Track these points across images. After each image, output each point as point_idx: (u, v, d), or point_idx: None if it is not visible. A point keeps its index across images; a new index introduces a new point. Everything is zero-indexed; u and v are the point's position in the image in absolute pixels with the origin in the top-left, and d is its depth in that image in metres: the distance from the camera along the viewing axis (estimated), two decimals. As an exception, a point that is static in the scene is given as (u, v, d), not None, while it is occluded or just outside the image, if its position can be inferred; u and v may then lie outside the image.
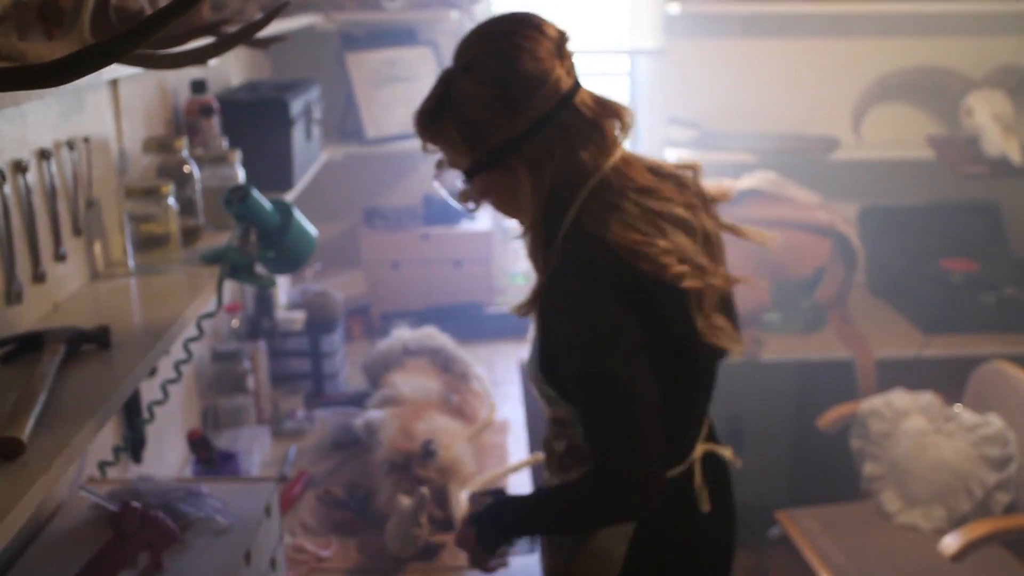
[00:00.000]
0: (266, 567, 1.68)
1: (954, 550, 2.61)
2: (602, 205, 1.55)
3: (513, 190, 1.59)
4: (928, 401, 3.09)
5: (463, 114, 1.56)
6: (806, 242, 3.45)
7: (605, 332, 1.52)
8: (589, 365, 1.53)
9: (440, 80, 1.60)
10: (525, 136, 1.54)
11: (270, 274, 2.00)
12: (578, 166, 1.56)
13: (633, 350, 1.53)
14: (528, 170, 1.56)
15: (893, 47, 3.77)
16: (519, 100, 1.53)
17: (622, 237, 1.52)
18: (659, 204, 1.58)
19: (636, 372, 1.53)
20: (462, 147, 1.58)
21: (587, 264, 1.53)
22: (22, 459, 1.14)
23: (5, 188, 1.50)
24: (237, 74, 3.05)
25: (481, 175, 1.60)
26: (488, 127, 1.55)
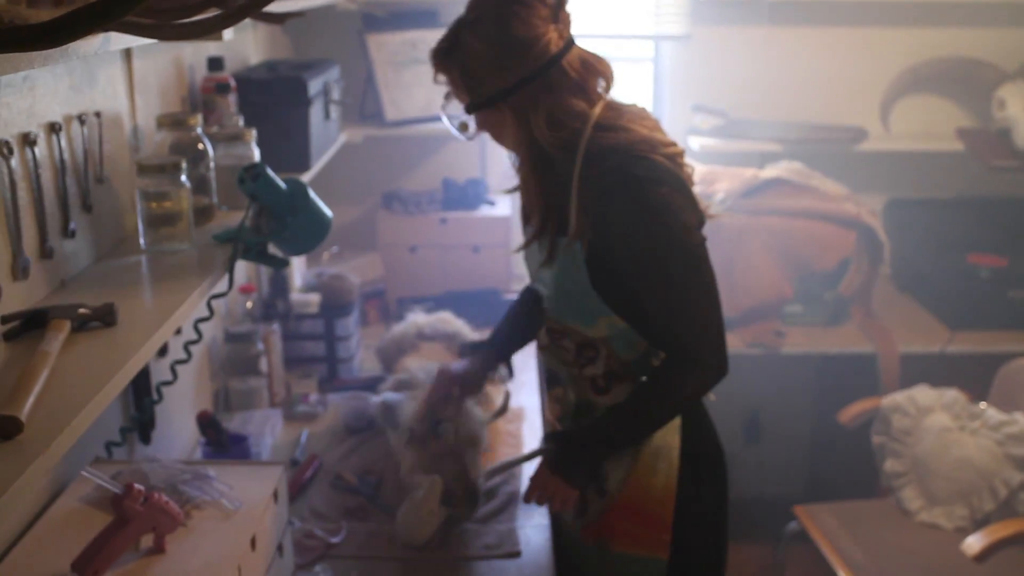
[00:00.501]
0: (272, 552, 1.65)
1: (977, 551, 2.56)
2: (606, 130, 1.77)
3: (503, 129, 1.84)
4: (953, 398, 3.04)
5: (463, 62, 1.80)
6: (831, 234, 3.39)
7: (680, 228, 1.72)
8: (671, 262, 1.73)
9: (453, 27, 1.83)
10: (512, 89, 1.76)
11: (283, 255, 1.97)
12: (571, 112, 1.77)
13: (700, 243, 1.75)
14: (514, 116, 1.79)
15: (924, 37, 3.70)
16: (509, 60, 1.75)
17: (631, 138, 1.75)
18: (650, 121, 1.84)
19: (707, 263, 1.76)
20: (462, 87, 1.82)
21: (639, 175, 1.71)
22: (20, 438, 1.11)
23: (12, 161, 1.47)
24: (256, 53, 3.02)
25: (476, 114, 1.85)
26: (482, 77, 1.78)
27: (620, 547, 1.93)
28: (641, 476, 1.88)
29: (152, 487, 1.54)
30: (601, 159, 1.74)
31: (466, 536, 2.12)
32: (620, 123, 1.78)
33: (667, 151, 1.76)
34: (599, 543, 1.95)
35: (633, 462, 1.88)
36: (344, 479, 2.33)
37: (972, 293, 3.47)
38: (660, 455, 1.87)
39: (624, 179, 1.71)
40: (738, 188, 3.42)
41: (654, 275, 1.75)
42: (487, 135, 1.91)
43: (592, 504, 1.95)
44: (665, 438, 1.87)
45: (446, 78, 1.85)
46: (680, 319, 1.76)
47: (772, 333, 3.40)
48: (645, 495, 1.89)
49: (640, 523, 1.90)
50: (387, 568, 2.03)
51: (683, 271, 1.73)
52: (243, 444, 2.23)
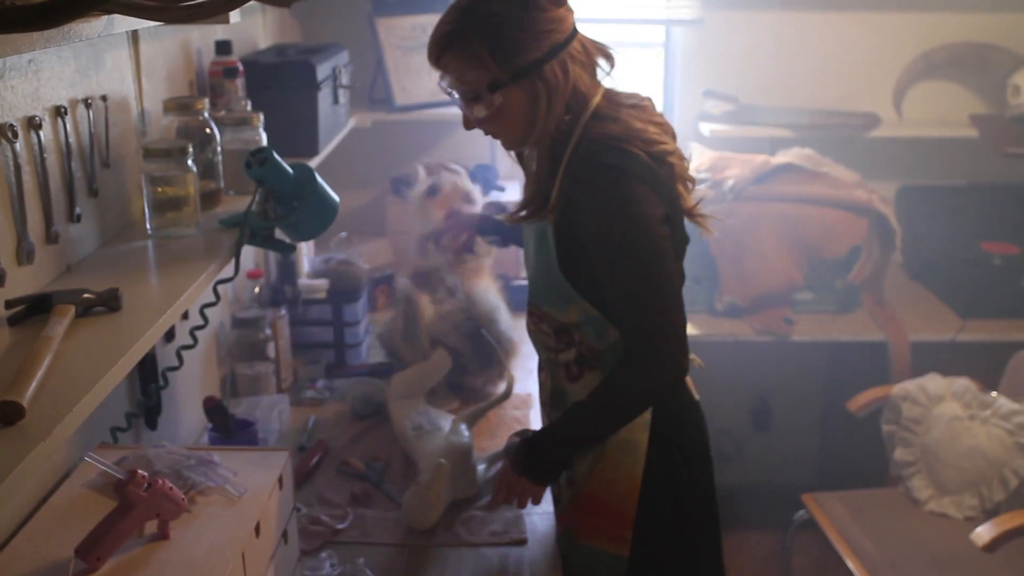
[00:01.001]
0: (277, 539, 1.65)
1: (986, 540, 2.55)
2: (601, 119, 1.75)
3: (529, 108, 1.75)
4: (963, 386, 3.02)
5: (496, 32, 1.70)
6: (842, 220, 3.37)
7: (644, 220, 1.70)
8: (631, 252, 1.71)
9: (458, 7, 1.75)
10: (547, 56, 1.71)
11: (290, 240, 1.96)
12: (581, 91, 1.76)
13: (659, 235, 1.72)
14: (545, 89, 1.73)
15: (938, 22, 3.66)
16: (548, 23, 1.70)
17: (618, 130, 1.73)
18: (642, 113, 1.81)
19: (670, 258, 1.75)
20: (489, 63, 1.71)
21: (613, 164, 1.70)
22: (22, 424, 1.11)
23: (17, 145, 1.46)
24: (265, 38, 3.01)
25: (501, 91, 1.73)
26: (520, 45, 1.70)
27: (584, 539, 1.90)
28: (606, 469, 1.85)
29: (156, 473, 1.54)
30: (586, 147, 1.73)
31: (472, 523, 2.11)
32: (614, 114, 1.76)
33: (653, 148, 1.74)
34: (567, 533, 1.94)
35: (599, 454, 1.85)
36: (351, 465, 2.32)
37: (984, 281, 3.44)
38: (626, 449, 1.83)
39: (597, 167, 1.71)
40: (749, 174, 3.40)
41: (616, 265, 1.73)
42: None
43: (563, 493, 1.94)
44: (633, 432, 1.82)
45: (457, 62, 1.74)
46: (639, 311, 1.74)
47: (782, 320, 3.38)
48: (609, 489, 1.85)
49: (603, 517, 1.87)
50: (393, 554, 2.02)
51: (645, 264, 1.72)
52: (250, 430, 2.23)
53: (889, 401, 3.11)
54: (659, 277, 1.73)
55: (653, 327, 1.73)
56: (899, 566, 2.78)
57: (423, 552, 2.03)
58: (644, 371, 1.75)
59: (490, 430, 2.53)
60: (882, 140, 3.64)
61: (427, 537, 2.07)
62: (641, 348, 1.74)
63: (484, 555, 2.03)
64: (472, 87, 1.75)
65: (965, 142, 3.63)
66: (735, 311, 3.41)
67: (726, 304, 3.41)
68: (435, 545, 2.05)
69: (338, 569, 1.93)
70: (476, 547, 2.05)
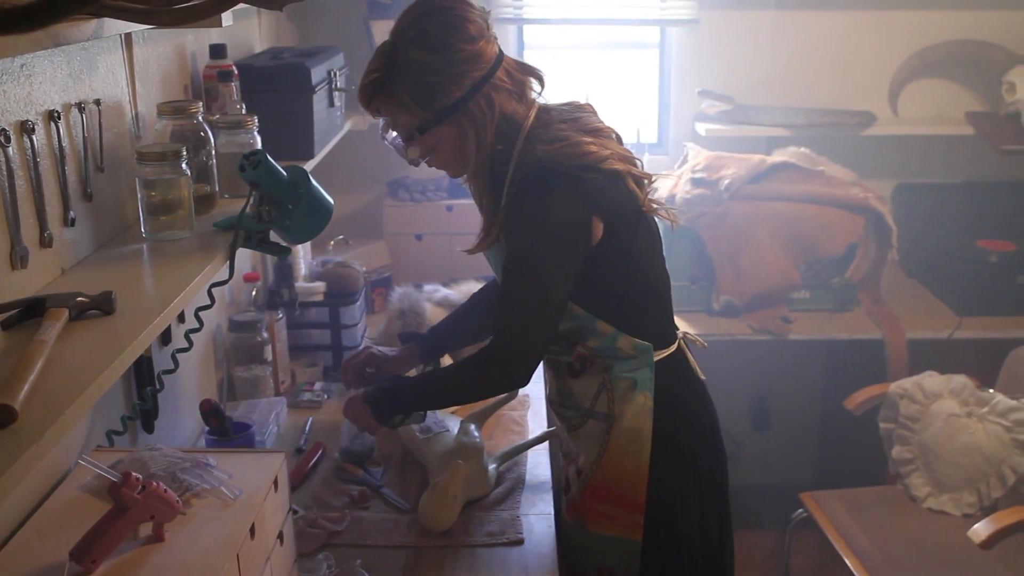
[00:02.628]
0: (272, 541, 1.65)
1: (984, 537, 2.55)
2: (535, 140, 1.81)
3: (459, 143, 1.84)
4: (961, 384, 3.02)
5: (415, 79, 1.79)
6: (838, 219, 3.37)
7: (547, 233, 1.77)
8: (518, 247, 1.80)
9: (382, 53, 1.84)
10: (468, 96, 1.79)
11: (285, 243, 1.97)
12: (511, 118, 1.83)
13: (568, 253, 1.79)
14: (472, 124, 1.81)
15: (933, 20, 3.67)
16: (465, 63, 1.78)
17: (551, 148, 1.78)
18: (577, 124, 1.86)
19: (557, 277, 1.79)
20: (414, 108, 1.81)
21: (542, 181, 1.77)
22: (14, 427, 1.11)
23: (10, 150, 1.46)
24: (261, 41, 3.01)
25: (430, 131, 1.83)
26: (438, 88, 1.79)
27: (595, 527, 1.95)
28: (613, 459, 1.91)
29: (151, 475, 1.54)
30: (522, 169, 1.80)
31: (470, 524, 2.12)
32: (550, 133, 1.81)
33: (583, 160, 1.78)
34: (578, 522, 1.99)
35: (604, 444, 1.91)
36: (348, 471, 2.32)
37: (981, 278, 3.45)
38: (631, 437, 1.89)
39: (525, 182, 1.78)
40: (745, 174, 3.40)
41: (509, 263, 1.82)
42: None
43: (572, 483, 1.99)
44: (637, 420, 1.88)
45: (386, 107, 1.86)
46: (503, 315, 1.84)
47: (779, 319, 3.39)
48: (618, 478, 1.91)
49: (614, 505, 1.92)
50: (390, 556, 2.03)
51: (522, 272, 1.80)
52: (247, 433, 2.23)
53: (886, 399, 3.11)
54: (533, 288, 1.80)
55: (508, 332, 1.83)
56: (898, 564, 2.79)
57: (420, 554, 2.03)
58: (488, 370, 1.87)
59: (488, 431, 2.53)
60: (878, 138, 3.64)
61: (426, 538, 2.07)
62: (493, 346, 1.85)
63: (481, 556, 2.03)
64: (405, 129, 1.86)
65: (961, 140, 3.63)
66: (732, 310, 3.41)
67: (723, 303, 3.41)
68: (432, 546, 2.05)
69: (335, 570, 1.93)
70: (473, 548, 2.05)
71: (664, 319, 1.98)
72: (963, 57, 3.68)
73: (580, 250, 1.80)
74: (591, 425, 1.94)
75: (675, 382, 1.94)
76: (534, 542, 2.07)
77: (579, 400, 1.96)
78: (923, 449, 3.01)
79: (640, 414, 1.89)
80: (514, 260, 1.81)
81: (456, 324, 2.27)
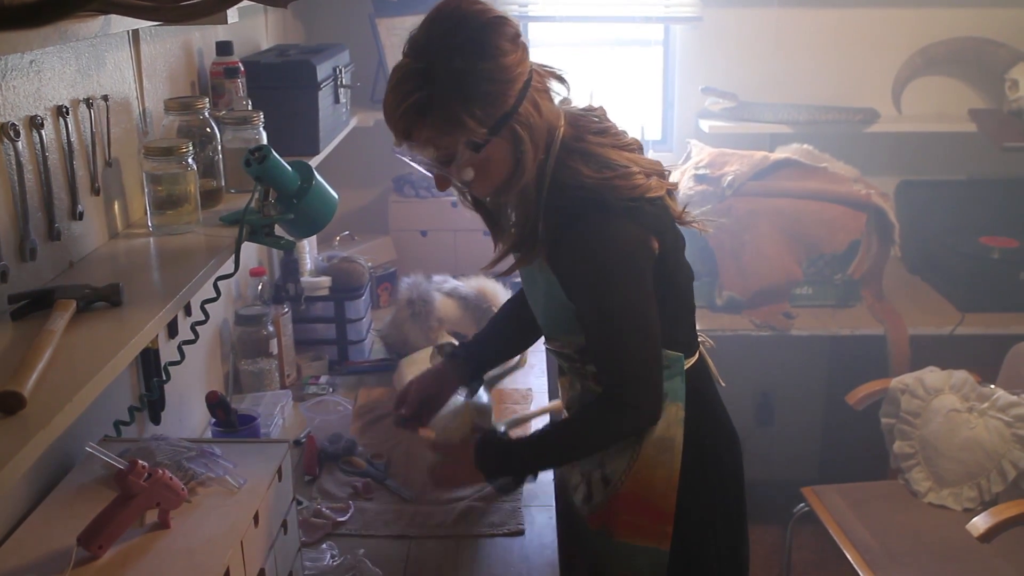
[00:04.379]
0: (276, 529, 1.68)
1: (983, 531, 2.57)
2: (570, 153, 1.73)
3: (514, 156, 1.70)
4: (961, 379, 3.03)
5: (470, 91, 1.63)
6: (841, 215, 3.39)
7: (623, 265, 1.71)
8: (601, 293, 1.72)
9: (414, 74, 1.64)
10: (520, 99, 1.66)
11: (290, 237, 1.99)
12: (548, 123, 1.72)
13: (644, 275, 1.73)
14: (527, 131, 1.68)
15: (936, 17, 3.68)
16: (515, 66, 1.66)
17: (597, 176, 1.70)
18: (611, 139, 1.79)
19: (649, 305, 1.74)
20: (471, 124, 1.64)
21: (592, 206, 1.69)
22: (23, 414, 1.14)
23: (19, 144, 1.49)
24: (267, 39, 3.04)
25: (488, 146, 1.67)
26: (496, 97, 1.64)
27: (622, 536, 1.92)
28: (644, 468, 1.87)
29: (157, 464, 1.57)
30: (564, 194, 1.72)
31: (471, 515, 2.14)
32: (589, 153, 1.73)
33: (637, 190, 1.71)
34: (603, 531, 1.96)
35: (635, 454, 1.87)
36: (352, 463, 2.35)
37: (983, 275, 3.46)
38: (663, 447, 1.86)
39: (580, 221, 1.70)
40: (748, 170, 3.42)
41: (594, 314, 1.75)
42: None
43: (597, 492, 1.95)
44: (669, 430, 1.85)
45: (434, 130, 1.66)
46: (616, 362, 1.77)
47: (782, 315, 3.40)
48: (648, 487, 1.88)
49: (643, 514, 1.90)
50: (394, 546, 2.05)
51: (621, 314, 1.73)
52: (252, 424, 2.26)
53: (888, 394, 3.13)
54: (636, 327, 1.74)
55: (631, 380, 1.77)
56: (898, 558, 2.80)
57: (423, 543, 2.06)
58: (620, 419, 1.80)
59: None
60: (881, 135, 3.66)
61: (427, 529, 2.10)
62: (619, 398, 1.78)
63: (483, 546, 2.06)
64: (448, 151, 1.68)
65: (964, 137, 3.64)
66: (735, 306, 3.43)
67: (726, 299, 3.43)
68: (434, 536, 2.08)
69: (338, 560, 1.96)
70: (475, 538, 2.08)
71: (691, 327, 1.94)
72: (966, 54, 3.69)
73: (650, 271, 1.75)
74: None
75: (701, 389, 1.91)
76: (535, 533, 2.09)
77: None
78: (924, 444, 3.03)
79: (672, 424, 1.85)
80: (600, 308, 1.74)
81: (494, 341, 2.20)
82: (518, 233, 1.80)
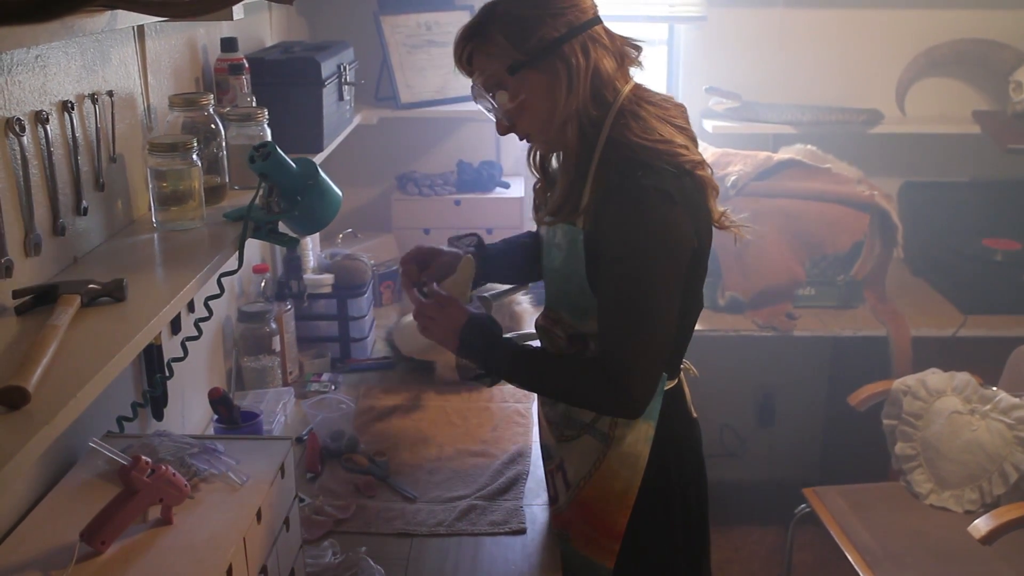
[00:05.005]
0: (278, 526, 1.68)
1: (984, 533, 2.56)
2: (629, 116, 1.71)
3: (550, 93, 1.71)
4: (964, 381, 3.03)
5: (510, 13, 1.70)
6: (844, 216, 3.39)
7: (667, 249, 1.67)
8: (638, 279, 1.67)
9: (482, 9, 1.75)
10: (565, 36, 1.68)
11: (294, 234, 1.99)
12: (607, 79, 1.72)
13: (680, 267, 1.69)
14: (565, 70, 1.69)
15: (940, 18, 3.67)
16: (560, 3, 1.69)
17: (648, 139, 1.68)
18: (667, 115, 1.76)
19: (673, 300, 1.70)
20: (506, 46, 1.70)
21: (648, 185, 1.64)
22: (27, 408, 1.13)
23: (24, 139, 1.49)
24: (272, 35, 3.04)
25: (521, 74, 1.71)
26: (534, 23, 1.69)
27: (576, 544, 1.91)
28: (604, 478, 1.83)
29: (160, 460, 1.57)
30: (617, 152, 1.69)
31: (472, 513, 2.14)
32: (643, 114, 1.71)
33: (681, 161, 1.68)
34: (563, 533, 1.95)
35: (598, 462, 1.83)
36: (355, 461, 2.35)
37: (986, 277, 3.46)
38: (626, 462, 1.81)
39: (629, 185, 1.65)
40: (751, 171, 3.42)
41: (618, 288, 1.69)
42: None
43: (560, 493, 1.94)
44: (636, 446, 1.80)
45: (478, 55, 1.74)
46: (624, 340, 1.69)
47: (784, 316, 3.40)
48: (603, 499, 1.84)
49: (595, 526, 1.86)
50: (395, 544, 2.06)
51: (645, 297, 1.67)
52: (255, 421, 2.26)
53: (890, 396, 3.13)
54: (655, 314, 1.68)
55: (631, 363, 1.69)
56: (899, 559, 2.80)
57: (424, 542, 2.06)
58: (606, 393, 1.72)
59: (492, 422, 2.56)
60: (885, 136, 3.65)
61: (428, 528, 2.10)
62: (612, 373, 1.70)
63: (484, 544, 2.06)
64: (495, 77, 1.74)
65: (967, 138, 3.64)
66: (738, 306, 3.43)
67: (728, 299, 3.43)
68: (436, 535, 2.08)
69: (340, 557, 1.96)
70: (476, 536, 2.08)
71: (683, 348, 1.88)
72: (970, 56, 3.69)
73: (684, 268, 1.71)
74: (586, 441, 1.85)
75: (674, 414, 1.85)
76: (536, 531, 2.10)
77: (578, 413, 1.87)
78: (926, 446, 3.02)
79: (641, 441, 1.80)
80: (627, 285, 1.68)
81: (508, 257, 2.10)
82: (564, 189, 1.76)
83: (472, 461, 2.38)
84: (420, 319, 1.87)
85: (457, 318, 1.82)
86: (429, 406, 2.67)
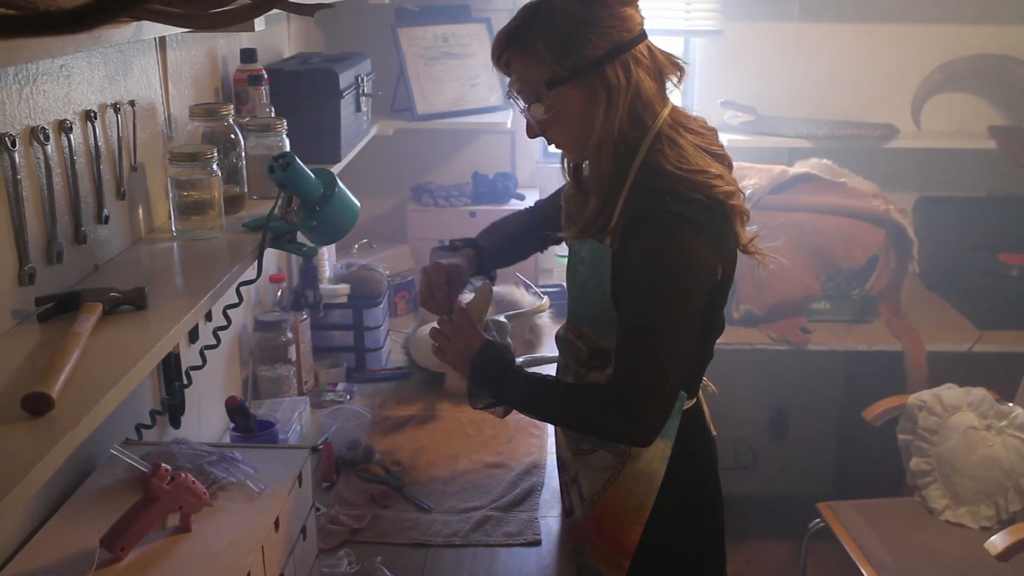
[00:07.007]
0: (295, 535, 1.68)
1: (1000, 549, 2.55)
2: (666, 143, 1.68)
3: (587, 109, 1.68)
4: (979, 397, 3.02)
5: (553, 27, 1.66)
6: (859, 231, 3.38)
7: (686, 278, 1.64)
8: (658, 307, 1.64)
9: (525, 8, 1.71)
10: (608, 55, 1.64)
11: (312, 244, 2.00)
12: (647, 101, 1.68)
13: (700, 297, 1.66)
14: (605, 89, 1.66)
15: (956, 34, 3.67)
16: (609, 20, 1.65)
17: (683, 168, 1.65)
18: (704, 142, 1.74)
19: (692, 327, 1.67)
20: (547, 58, 1.66)
21: (676, 212, 1.62)
22: (51, 415, 1.14)
23: (48, 148, 1.50)
24: (290, 47, 3.05)
25: (560, 89, 1.68)
26: (577, 40, 1.64)
27: (588, 556, 1.90)
28: (618, 495, 1.82)
29: (179, 467, 1.58)
30: (650, 178, 1.67)
31: (487, 524, 2.15)
32: (680, 141, 1.69)
33: (714, 192, 1.65)
34: (578, 546, 1.94)
35: (612, 478, 1.82)
36: (370, 471, 2.36)
37: (1001, 292, 3.45)
38: (641, 479, 1.80)
39: (658, 211, 1.62)
40: (766, 184, 3.42)
41: (636, 314, 1.67)
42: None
43: (576, 506, 1.93)
44: (652, 464, 1.79)
45: (517, 60, 1.71)
46: (640, 369, 1.66)
47: (799, 329, 3.40)
48: (617, 515, 1.83)
49: (605, 540, 1.85)
50: (410, 554, 2.06)
51: (661, 327, 1.64)
52: (271, 430, 2.27)
53: (905, 410, 3.12)
54: (671, 348, 1.65)
55: (642, 390, 1.66)
56: (914, 575, 2.79)
57: (439, 552, 2.06)
58: (615, 421, 1.69)
59: (507, 433, 2.56)
60: (900, 151, 3.65)
61: (444, 538, 2.10)
62: (622, 400, 1.67)
63: (499, 556, 2.06)
64: (532, 86, 1.71)
65: (983, 153, 3.64)
66: (752, 319, 3.43)
67: (743, 312, 3.43)
68: (451, 545, 2.08)
69: (355, 567, 1.97)
70: (491, 547, 2.08)
71: (703, 368, 1.86)
72: (986, 71, 3.69)
73: (706, 296, 1.68)
74: (601, 455, 1.84)
75: (693, 433, 1.84)
76: (551, 543, 2.10)
77: None
78: (941, 461, 3.01)
79: (657, 459, 1.79)
80: (647, 311, 1.66)
81: (502, 242, 2.13)
82: (596, 205, 1.74)
83: (487, 472, 2.38)
84: (438, 338, 1.86)
85: (472, 344, 1.81)
86: (444, 416, 2.67)
